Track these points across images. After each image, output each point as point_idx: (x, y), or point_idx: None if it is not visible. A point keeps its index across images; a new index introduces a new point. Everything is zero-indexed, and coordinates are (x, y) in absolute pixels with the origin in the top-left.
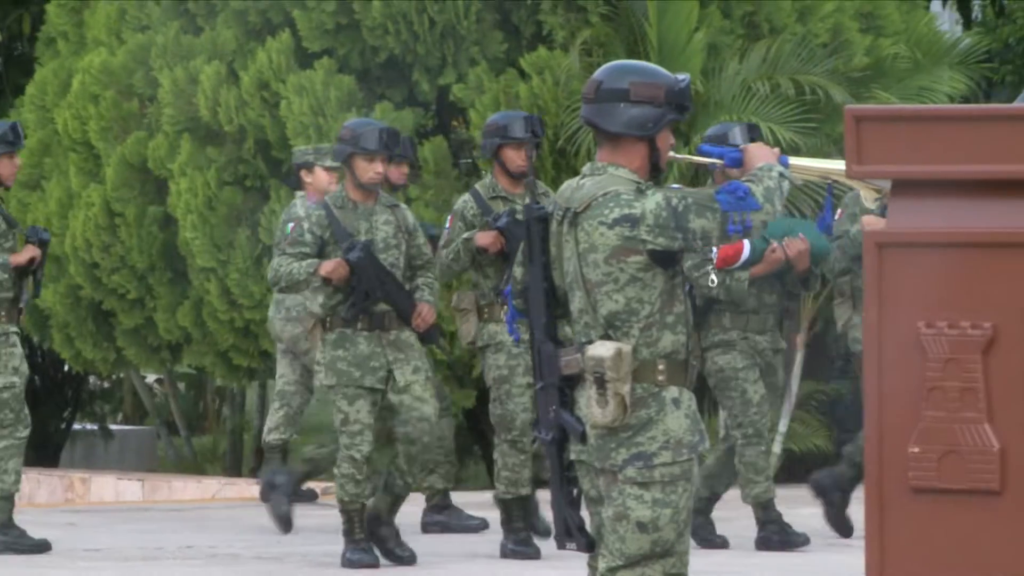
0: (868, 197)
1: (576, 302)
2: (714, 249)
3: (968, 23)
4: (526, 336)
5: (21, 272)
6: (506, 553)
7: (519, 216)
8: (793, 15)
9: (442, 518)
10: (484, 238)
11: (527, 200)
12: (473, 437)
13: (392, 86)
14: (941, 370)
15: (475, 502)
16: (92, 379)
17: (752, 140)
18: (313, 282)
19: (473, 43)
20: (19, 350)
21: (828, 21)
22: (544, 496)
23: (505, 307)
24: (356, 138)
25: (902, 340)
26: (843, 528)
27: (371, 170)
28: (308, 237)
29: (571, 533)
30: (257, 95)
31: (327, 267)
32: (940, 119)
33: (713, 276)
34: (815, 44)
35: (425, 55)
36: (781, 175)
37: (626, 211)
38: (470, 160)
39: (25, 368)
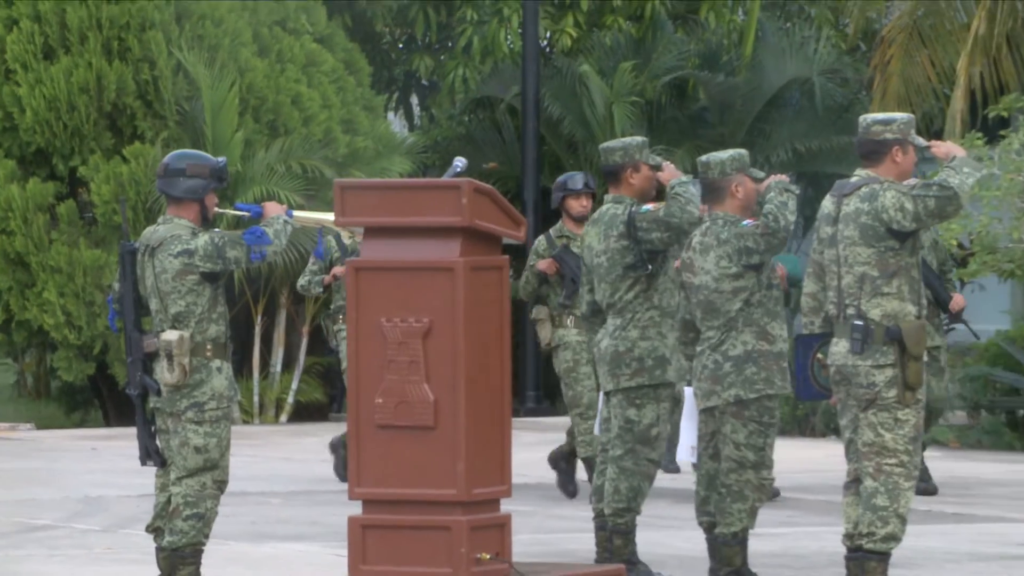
0: (346, 236)
1: (153, 305)
2: None
3: (411, 127)
4: (121, 325)
5: None
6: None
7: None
8: (300, 120)
9: None
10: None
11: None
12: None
13: (40, 167)
14: (396, 349)
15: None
16: None
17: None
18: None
19: (92, 139)
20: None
21: (322, 125)
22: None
23: (570, 316)
24: None
25: (372, 330)
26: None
27: None
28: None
29: (151, 455)
30: None
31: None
32: (393, 188)
33: None
34: (314, 140)
35: (61, 147)
36: (285, 222)
37: (185, 247)
38: (91, 214)
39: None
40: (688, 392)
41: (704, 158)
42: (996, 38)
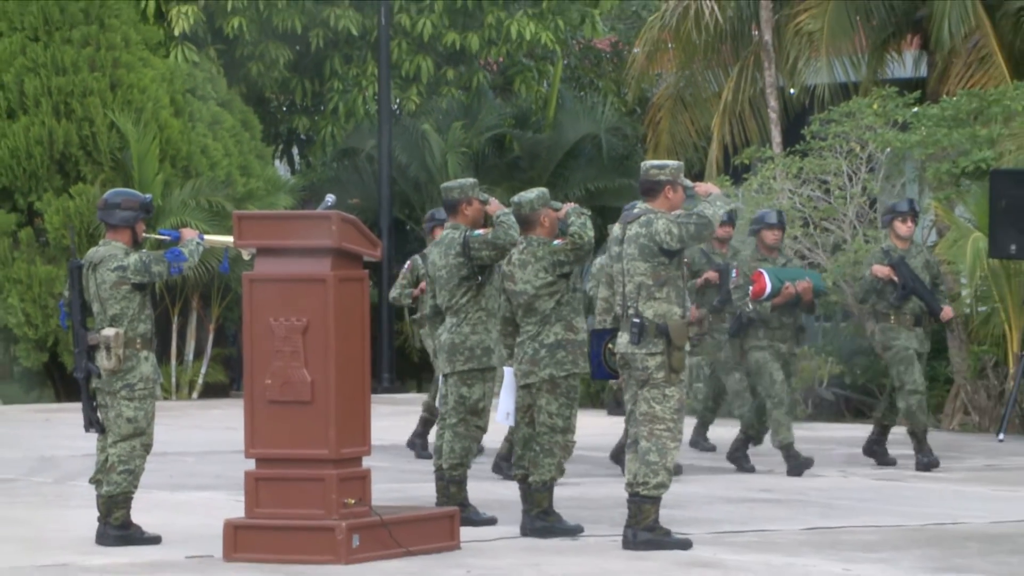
0: (246, 253)
1: (95, 308)
2: (749, 289)
3: (293, 171)
4: (70, 323)
5: None
6: None
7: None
8: (207, 166)
9: None
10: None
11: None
12: None
13: (4, 202)
14: (282, 342)
15: None
16: None
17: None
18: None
19: (46, 180)
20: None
21: (224, 170)
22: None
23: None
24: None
25: (263, 327)
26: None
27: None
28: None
29: (92, 424)
30: None
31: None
32: (279, 218)
33: (750, 304)
34: (218, 181)
35: (21, 186)
36: (198, 244)
37: (120, 263)
38: (45, 239)
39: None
40: (507, 371)
41: (515, 198)
42: (740, 103)
